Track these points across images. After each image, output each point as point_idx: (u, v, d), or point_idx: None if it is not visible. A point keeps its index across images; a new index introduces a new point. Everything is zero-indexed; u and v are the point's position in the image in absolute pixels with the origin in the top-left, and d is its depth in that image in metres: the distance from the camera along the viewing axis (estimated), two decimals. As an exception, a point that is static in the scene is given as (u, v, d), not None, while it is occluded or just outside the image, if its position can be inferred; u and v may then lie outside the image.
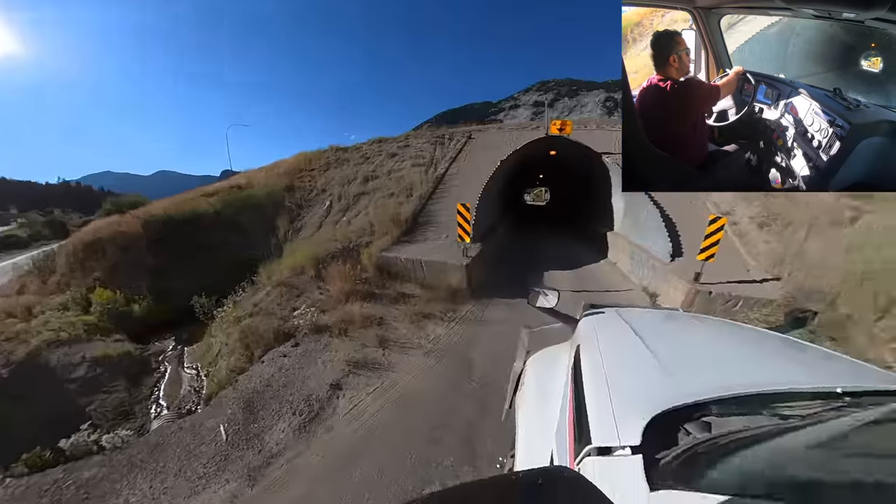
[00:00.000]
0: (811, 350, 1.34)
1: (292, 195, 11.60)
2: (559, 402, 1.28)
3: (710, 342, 1.48)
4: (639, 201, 7.11)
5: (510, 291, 5.81)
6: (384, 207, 8.14)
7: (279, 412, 3.50)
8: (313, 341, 4.67)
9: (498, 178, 8.46)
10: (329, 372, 3.97)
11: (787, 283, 5.23)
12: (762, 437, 0.68)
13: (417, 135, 12.94)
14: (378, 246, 6.60)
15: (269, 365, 4.38)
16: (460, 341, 4.44)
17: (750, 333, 1.60)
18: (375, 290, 5.72)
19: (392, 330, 4.68)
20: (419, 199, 8.25)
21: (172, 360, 6.76)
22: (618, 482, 0.67)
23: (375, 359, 4.10)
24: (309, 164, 13.15)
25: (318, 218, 10.04)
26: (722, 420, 0.82)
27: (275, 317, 5.59)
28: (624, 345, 1.32)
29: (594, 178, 9.51)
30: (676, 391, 0.91)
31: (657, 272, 5.98)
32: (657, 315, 2.02)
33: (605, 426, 0.84)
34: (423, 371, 3.85)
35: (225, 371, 4.90)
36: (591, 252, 8.75)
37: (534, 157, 10.34)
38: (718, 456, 0.65)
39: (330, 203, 10.37)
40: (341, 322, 4.87)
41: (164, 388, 5.79)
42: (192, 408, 4.85)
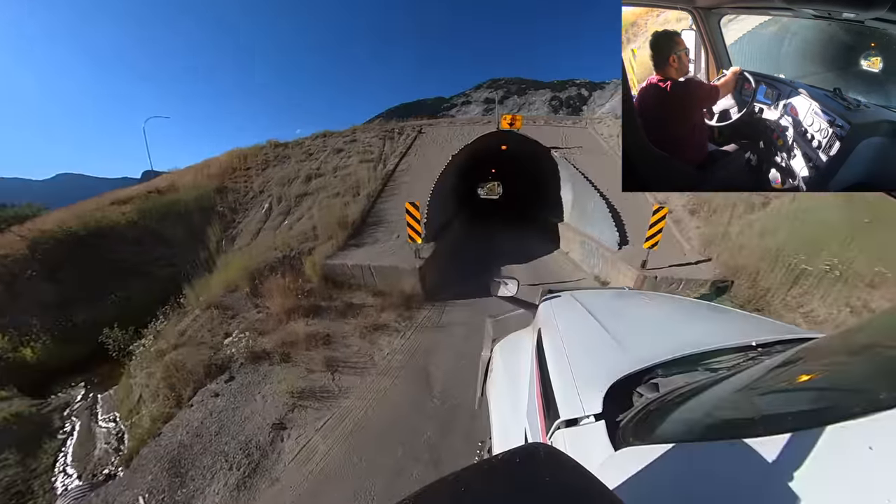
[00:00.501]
0: (733, 313, 1.59)
1: (225, 198, 10.42)
2: (527, 384, 1.34)
3: (653, 314, 1.66)
4: (585, 193, 7.25)
5: (468, 290, 5.62)
6: (329, 209, 7.51)
7: (212, 469, 2.97)
8: (251, 372, 4.11)
9: (450, 174, 8.22)
10: (270, 408, 3.48)
11: (716, 264, 5.66)
12: (699, 389, 0.78)
13: (366, 129, 12.19)
14: (323, 252, 6.04)
15: (198, 409, 3.77)
16: (418, 353, 4.14)
17: (684, 303, 1.81)
18: (321, 303, 5.21)
19: (342, 348, 4.26)
20: (367, 197, 7.74)
21: (83, 412, 5.69)
22: (586, 448, 0.75)
23: (324, 386, 3.67)
24: (244, 163, 11.91)
25: (257, 224, 9.09)
26: (667, 380, 0.92)
27: (205, 346, 4.89)
28: (580, 324, 1.40)
29: (544, 171, 9.62)
30: (628, 360, 1.01)
31: (607, 260, 6.14)
32: (607, 294, 2.19)
33: (570, 400, 0.91)
34: (378, 394, 3.50)
35: (148, 420, 4.17)
36: (545, 243, 8.87)
37: (486, 152, 10.25)
38: (667, 411, 0.76)
39: (269, 206, 9.44)
40: (283, 345, 4.35)
41: (74, 452, 4.82)
42: (112, 471, 4.06)
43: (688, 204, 7.16)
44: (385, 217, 7.19)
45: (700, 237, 6.49)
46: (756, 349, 1.04)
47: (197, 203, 10.34)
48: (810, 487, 0.42)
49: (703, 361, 1.01)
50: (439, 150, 9.91)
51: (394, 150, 10.36)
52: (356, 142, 11.06)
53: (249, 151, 12.59)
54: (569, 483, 0.35)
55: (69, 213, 9.42)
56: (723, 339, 1.10)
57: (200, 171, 12.10)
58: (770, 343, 1.07)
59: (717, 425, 0.66)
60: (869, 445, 0.39)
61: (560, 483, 0.34)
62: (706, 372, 0.96)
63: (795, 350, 0.80)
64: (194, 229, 9.58)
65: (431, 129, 11.91)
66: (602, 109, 64.42)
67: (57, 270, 8.13)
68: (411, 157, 9.92)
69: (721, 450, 0.55)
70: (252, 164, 11.67)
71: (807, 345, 0.84)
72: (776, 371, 0.73)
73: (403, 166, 9.32)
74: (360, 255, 5.85)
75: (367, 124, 12.27)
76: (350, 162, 9.77)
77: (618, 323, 1.35)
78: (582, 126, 12.14)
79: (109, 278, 8.33)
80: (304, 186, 9.32)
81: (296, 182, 9.77)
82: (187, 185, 11.15)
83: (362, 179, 8.43)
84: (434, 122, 12.67)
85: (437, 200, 7.15)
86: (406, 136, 11.18)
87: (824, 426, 0.45)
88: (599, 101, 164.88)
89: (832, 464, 0.42)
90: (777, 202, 6.58)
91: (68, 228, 8.67)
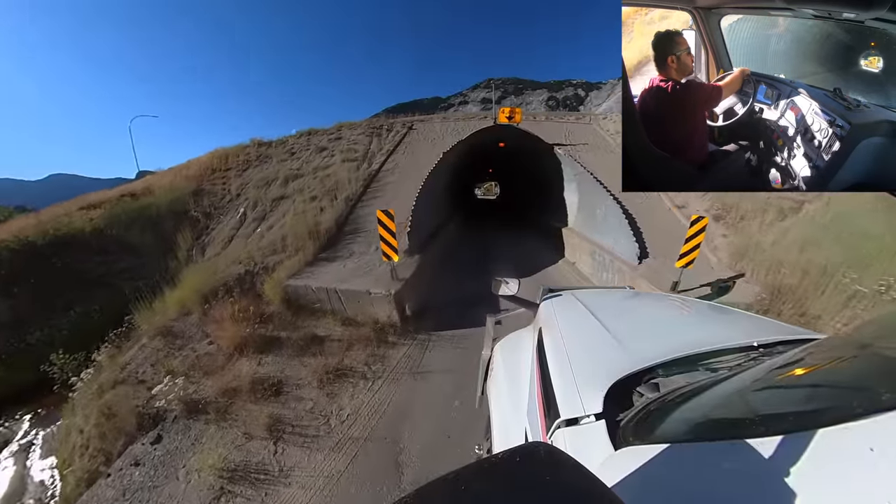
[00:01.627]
0: (735, 313, 1.57)
1: (200, 202, 9.64)
2: (527, 383, 1.33)
3: (654, 314, 1.67)
4: (594, 195, 6.33)
5: (459, 317, 4.76)
6: (302, 215, 6.69)
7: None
8: (182, 430, 3.34)
9: (443, 173, 7.33)
10: (191, 494, 2.69)
11: (753, 281, 4.78)
12: (700, 389, 0.79)
13: (353, 126, 11.28)
14: (288, 269, 5.23)
15: (114, 481, 3.03)
16: (387, 415, 3.23)
17: (685, 303, 1.82)
18: (280, 334, 4.41)
19: (293, 402, 3.44)
20: (346, 202, 6.89)
21: (20, 454, 4.98)
22: (587, 447, 0.76)
23: (262, 462, 2.87)
24: (225, 163, 11.12)
25: (230, 230, 8.31)
26: (668, 380, 0.93)
27: (144, 387, 4.13)
28: (581, 323, 1.40)
29: (546, 170, 8.68)
30: (629, 360, 1.02)
31: (624, 276, 5.25)
32: (608, 293, 2.14)
33: (571, 399, 0.92)
34: (328, 481, 2.65)
35: (73, 481, 3.45)
36: (548, 251, 7.98)
37: (482, 149, 9.33)
38: (667, 411, 0.77)
39: (244, 211, 8.65)
40: (224, 393, 3.57)
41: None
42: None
43: (711, 208, 6.23)
44: (364, 224, 6.34)
45: (728, 248, 5.58)
46: (758, 349, 1.04)
47: (170, 207, 9.58)
48: (811, 488, 0.41)
49: (704, 361, 1.01)
50: (430, 148, 9.02)
51: (381, 147, 9.47)
52: (341, 139, 10.18)
53: (232, 151, 11.79)
54: (569, 482, 0.35)
55: (26, 222, 8.69)
56: (724, 339, 1.10)
57: (179, 172, 11.35)
58: (772, 343, 1.06)
59: (718, 425, 0.66)
60: (870, 447, 0.39)
61: (560, 482, 0.34)
62: (707, 372, 0.97)
63: (797, 350, 0.81)
64: (165, 236, 8.84)
65: (423, 125, 10.97)
66: (598, 109, 63.55)
67: (11, 284, 7.42)
68: (399, 155, 9.02)
69: (722, 450, 0.55)
70: (233, 165, 10.89)
71: (808, 345, 0.85)
72: (778, 371, 0.74)
73: (390, 165, 8.44)
74: (328, 275, 5.02)
75: (356, 122, 11.34)
76: (333, 161, 8.90)
77: (619, 322, 1.35)
78: (586, 122, 11.14)
79: (70, 292, 7.62)
80: (283, 189, 8.51)
81: (274, 184, 8.96)
82: (164, 188, 10.38)
83: (342, 181, 7.59)
84: (426, 119, 11.70)
85: (425, 204, 6.29)
86: (395, 132, 10.27)
87: (826, 427, 0.44)
88: (596, 101, 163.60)
89: (833, 464, 0.42)
90: (811, 206, 5.71)
91: (25, 238, 7.94)
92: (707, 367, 0.98)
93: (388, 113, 18.82)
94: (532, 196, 11.30)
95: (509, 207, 16.65)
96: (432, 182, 6.86)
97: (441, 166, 7.21)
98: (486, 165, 15.23)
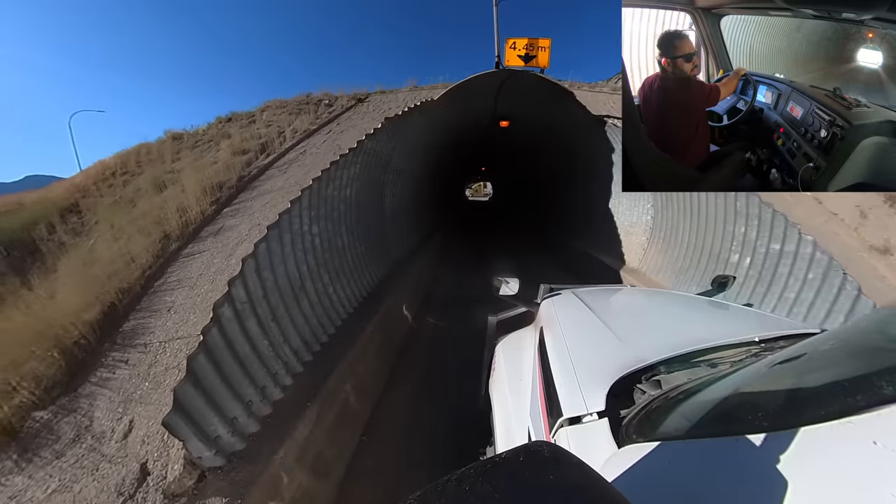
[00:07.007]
0: (735, 309, 1.56)
1: (67, 223, 6.81)
2: (530, 382, 1.34)
3: (653, 311, 1.67)
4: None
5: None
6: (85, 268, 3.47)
7: None
8: None
9: (405, 171, 3.77)
10: None
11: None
12: (701, 386, 0.79)
13: (283, 105, 7.85)
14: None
15: None
16: None
17: (686, 300, 1.81)
18: None
19: None
20: (165, 241, 3.57)
21: None
22: (590, 445, 0.77)
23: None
24: (123, 166, 8.28)
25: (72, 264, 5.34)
26: (669, 377, 0.94)
27: None
28: (582, 321, 1.40)
29: (577, 164, 4.80)
30: (630, 357, 1.03)
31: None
32: (609, 292, 2.10)
33: (573, 397, 0.93)
34: None
35: None
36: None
37: (471, 131, 5.50)
38: (669, 408, 0.77)
39: (94, 241, 5.63)
40: None
41: None
42: None
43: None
44: (167, 300, 2.94)
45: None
46: (759, 345, 1.05)
47: (26, 230, 6.81)
48: (816, 482, 0.42)
49: (705, 358, 1.02)
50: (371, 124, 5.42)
51: (301, 128, 6.00)
52: (254, 123, 6.84)
53: (145, 148, 8.91)
54: (573, 481, 0.34)
55: None
56: (725, 336, 1.09)
57: (73, 178, 8.67)
58: (772, 339, 1.07)
59: (720, 421, 0.66)
60: (873, 440, 0.39)
61: (564, 481, 0.34)
62: (708, 368, 0.96)
63: (798, 345, 0.80)
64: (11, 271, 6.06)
65: (382, 96, 7.33)
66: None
67: None
68: (319, 137, 5.52)
69: (725, 446, 0.55)
70: (130, 167, 8.01)
71: (810, 340, 0.83)
72: (779, 367, 0.73)
73: (294, 154, 4.99)
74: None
75: (286, 99, 7.87)
76: (219, 157, 5.61)
77: (620, 320, 1.37)
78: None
79: None
80: (138, 206, 5.36)
81: (143, 196, 5.86)
82: (34, 201, 7.70)
83: (189, 194, 4.24)
84: (391, 91, 7.92)
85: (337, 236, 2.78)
86: (334, 109, 6.74)
87: (829, 421, 0.44)
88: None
89: (837, 458, 0.42)
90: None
91: None
92: (708, 363, 0.99)
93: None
94: (549, 206, 7.23)
95: (510, 221, 12.26)
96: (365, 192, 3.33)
97: (372, 156, 3.65)
98: (479, 162, 10.47)
